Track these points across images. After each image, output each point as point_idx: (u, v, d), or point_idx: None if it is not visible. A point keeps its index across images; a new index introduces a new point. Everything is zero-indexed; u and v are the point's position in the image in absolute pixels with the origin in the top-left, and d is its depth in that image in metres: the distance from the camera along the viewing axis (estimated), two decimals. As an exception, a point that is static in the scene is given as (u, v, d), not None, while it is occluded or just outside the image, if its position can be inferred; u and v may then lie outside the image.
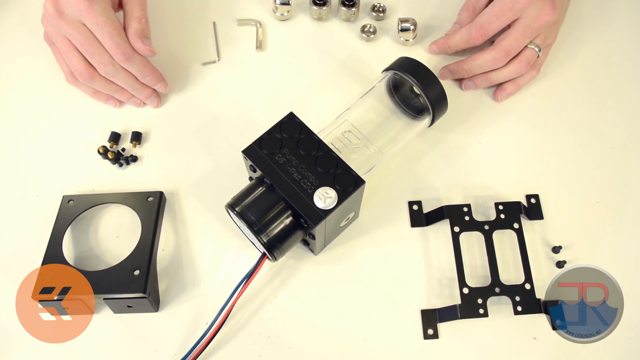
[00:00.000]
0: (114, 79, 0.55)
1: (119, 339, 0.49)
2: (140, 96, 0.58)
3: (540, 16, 0.55)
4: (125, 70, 0.55)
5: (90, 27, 0.52)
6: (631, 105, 0.60)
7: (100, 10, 0.52)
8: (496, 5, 0.56)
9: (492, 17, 0.56)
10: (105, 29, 0.52)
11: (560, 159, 0.57)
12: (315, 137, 0.47)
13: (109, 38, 0.52)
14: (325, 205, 0.44)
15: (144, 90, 0.57)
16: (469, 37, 0.58)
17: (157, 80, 0.57)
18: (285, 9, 0.64)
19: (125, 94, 0.58)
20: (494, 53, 0.56)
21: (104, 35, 0.52)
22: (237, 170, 0.54)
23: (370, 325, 0.49)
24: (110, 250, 0.52)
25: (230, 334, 0.48)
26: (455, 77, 0.60)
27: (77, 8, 0.51)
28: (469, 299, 0.48)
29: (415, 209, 0.54)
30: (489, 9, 0.57)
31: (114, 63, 0.54)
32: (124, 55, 0.53)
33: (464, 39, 0.58)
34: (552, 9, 0.55)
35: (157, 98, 0.58)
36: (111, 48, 0.53)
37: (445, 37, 0.61)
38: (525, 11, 0.55)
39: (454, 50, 0.61)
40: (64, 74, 0.58)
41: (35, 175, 0.56)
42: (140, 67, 0.55)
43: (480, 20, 0.57)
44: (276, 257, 0.47)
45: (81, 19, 0.52)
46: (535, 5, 0.55)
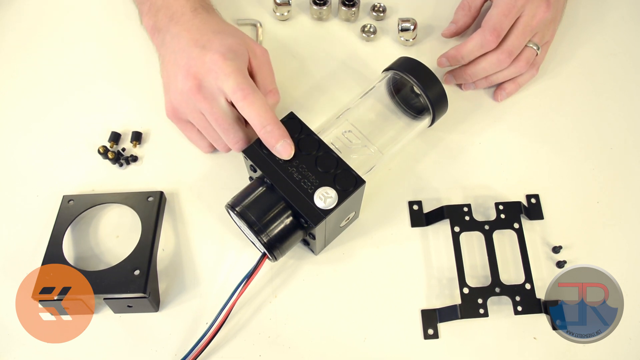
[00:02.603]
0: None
1: (119, 339, 0.49)
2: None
3: (537, 14, 0.55)
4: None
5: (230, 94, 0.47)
6: (631, 104, 0.60)
7: (234, 65, 0.47)
8: (500, 5, 0.55)
9: (501, 17, 0.54)
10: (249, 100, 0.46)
11: (560, 159, 0.57)
12: (315, 137, 0.47)
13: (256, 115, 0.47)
14: (325, 205, 0.44)
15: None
16: (484, 42, 0.55)
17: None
18: (285, 9, 0.64)
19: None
20: (497, 55, 0.55)
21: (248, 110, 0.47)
22: (237, 170, 0.54)
23: (370, 325, 0.49)
24: (110, 250, 0.52)
25: (230, 334, 0.48)
26: (459, 82, 0.60)
27: (213, 72, 0.47)
28: (469, 299, 0.48)
29: (416, 209, 0.54)
30: (494, 9, 0.55)
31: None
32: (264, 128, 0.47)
33: (478, 45, 0.55)
34: (547, 6, 0.55)
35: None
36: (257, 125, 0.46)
37: (456, 48, 0.57)
38: (524, 9, 0.55)
39: (467, 59, 0.57)
40: (202, 147, 0.55)
41: (35, 175, 0.56)
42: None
43: (491, 22, 0.55)
44: (276, 257, 0.47)
45: (217, 83, 0.47)
46: (532, 3, 0.55)
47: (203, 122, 0.51)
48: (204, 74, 0.48)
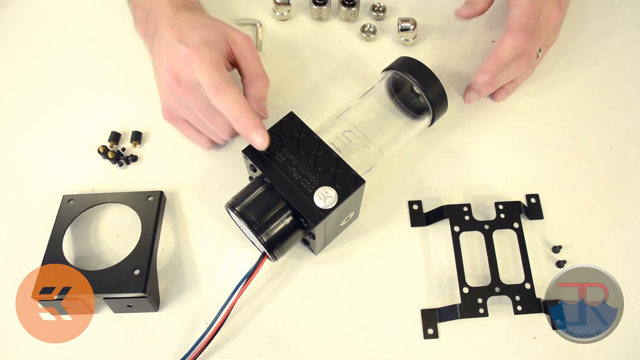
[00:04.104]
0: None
1: (119, 339, 0.49)
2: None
3: (550, 17, 0.54)
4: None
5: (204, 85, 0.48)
6: (631, 105, 0.60)
7: (209, 58, 0.48)
8: (521, 5, 0.53)
9: (527, 17, 0.52)
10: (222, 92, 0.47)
11: (560, 158, 0.57)
12: (315, 137, 0.47)
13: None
14: (325, 205, 0.44)
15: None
16: (518, 44, 0.52)
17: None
18: (285, 9, 0.64)
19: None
20: (517, 59, 0.54)
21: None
22: (237, 170, 0.54)
23: (370, 325, 0.49)
24: (110, 250, 0.52)
25: (230, 333, 0.48)
26: (485, 95, 0.57)
27: (188, 64, 0.48)
28: (469, 298, 0.48)
29: (415, 209, 0.54)
30: (517, 10, 0.53)
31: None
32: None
33: (513, 47, 0.52)
34: (560, 10, 0.55)
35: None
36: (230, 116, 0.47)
37: (493, 58, 0.53)
38: (541, 11, 0.53)
39: (505, 65, 0.54)
40: (201, 143, 0.55)
41: (35, 175, 0.56)
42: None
43: (518, 24, 0.52)
44: (276, 257, 0.47)
45: (194, 75, 0.48)
46: (548, 5, 0.54)
47: (192, 116, 0.52)
48: (181, 67, 0.49)
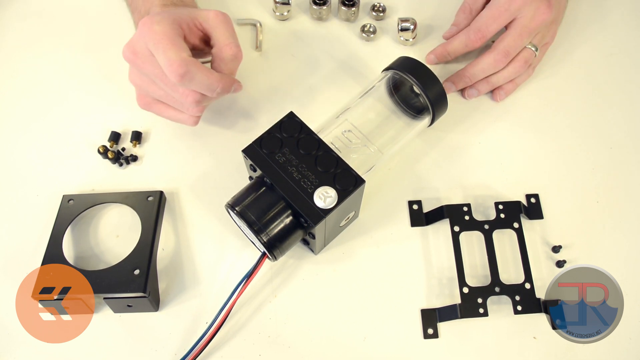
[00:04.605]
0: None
1: (119, 339, 0.49)
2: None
3: (536, 16, 0.55)
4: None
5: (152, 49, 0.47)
6: (631, 104, 0.60)
7: (161, 30, 0.46)
8: (492, 7, 0.56)
9: (489, 19, 0.56)
10: (160, 45, 0.46)
11: (560, 158, 0.57)
12: (315, 137, 0.47)
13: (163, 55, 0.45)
14: (325, 205, 0.44)
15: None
16: (468, 41, 0.58)
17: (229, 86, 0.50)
18: (285, 9, 0.64)
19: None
20: (494, 55, 0.56)
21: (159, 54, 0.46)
22: (237, 170, 0.54)
23: (370, 325, 0.49)
24: (110, 250, 0.52)
25: (230, 333, 0.48)
26: (460, 87, 0.60)
27: (142, 36, 0.47)
28: (469, 298, 0.48)
29: (415, 209, 0.54)
30: (485, 11, 0.57)
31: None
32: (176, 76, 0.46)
33: (462, 44, 0.58)
34: (548, 8, 0.55)
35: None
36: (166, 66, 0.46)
37: (443, 45, 0.60)
38: (521, 12, 0.55)
39: (453, 56, 0.60)
40: (184, 120, 0.53)
41: (35, 175, 0.56)
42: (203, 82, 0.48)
43: (478, 23, 0.57)
44: (276, 257, 0.47)
45: (148, 46, 0.47)
46: (531, 5, 0.55)
47: (161, 92, 0.50)
48: (136, 40, 0.48)
